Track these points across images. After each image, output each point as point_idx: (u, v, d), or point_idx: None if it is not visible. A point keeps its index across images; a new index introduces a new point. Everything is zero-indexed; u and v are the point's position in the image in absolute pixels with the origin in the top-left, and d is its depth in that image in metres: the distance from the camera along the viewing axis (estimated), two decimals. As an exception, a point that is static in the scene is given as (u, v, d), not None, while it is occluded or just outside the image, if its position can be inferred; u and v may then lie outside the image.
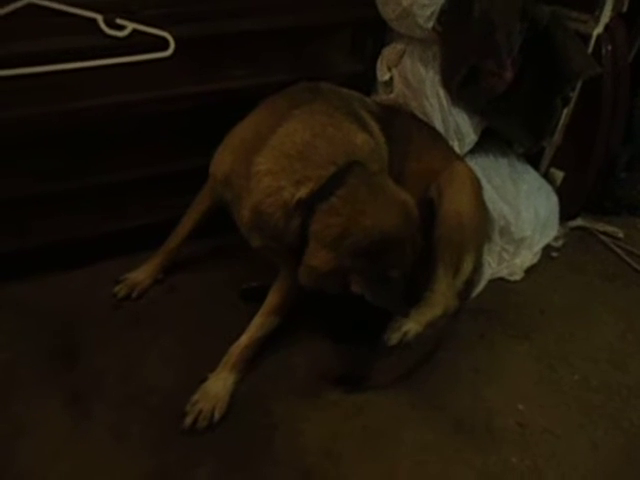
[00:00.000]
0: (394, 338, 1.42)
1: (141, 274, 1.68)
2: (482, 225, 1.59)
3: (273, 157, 1.31)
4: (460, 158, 1.71)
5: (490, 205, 1.74)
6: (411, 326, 1.44)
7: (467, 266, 1.53)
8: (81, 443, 1.29)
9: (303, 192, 1.28)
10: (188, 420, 1.33)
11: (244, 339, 1.45)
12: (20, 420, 1.32)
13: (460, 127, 1.77)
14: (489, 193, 1.78)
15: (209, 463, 1.28)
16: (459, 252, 1.50)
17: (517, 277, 1.88)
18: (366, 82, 1.87)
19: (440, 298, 1.49)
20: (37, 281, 1.65)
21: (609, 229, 2.11)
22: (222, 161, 1.48)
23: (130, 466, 1.26)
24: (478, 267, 1.68)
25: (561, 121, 1.90)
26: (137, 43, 1.48)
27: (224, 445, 1.32)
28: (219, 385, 1.39)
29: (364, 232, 1.24)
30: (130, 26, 1.46)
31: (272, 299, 1.47)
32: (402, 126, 1.64)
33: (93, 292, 1.65)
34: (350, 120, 1.40)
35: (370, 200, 1.27)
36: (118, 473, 1.24)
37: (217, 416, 1.35)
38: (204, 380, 1.40)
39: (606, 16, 1.78)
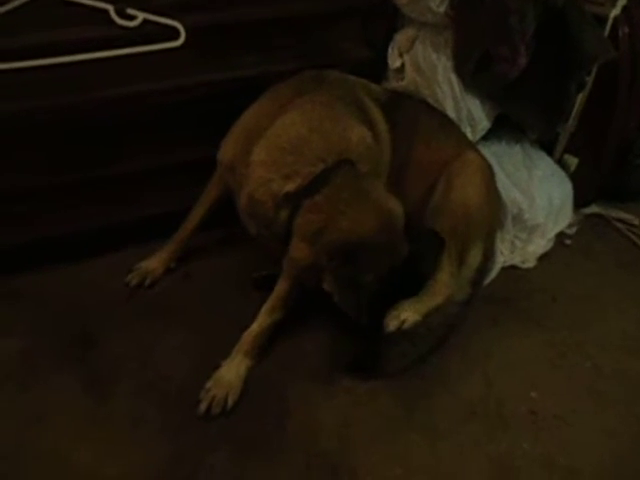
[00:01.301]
0: (392, 326, 1.44)
1: (153, 263, 1.70)
2: (492, 216, 1.58)
3: (268, 149, 1.34)
4: (472, 146, 1.69)
5: (503, 192, 1.73)
6: (410, 314, 1.46)
7: (474, 257, 1.54)
8: (100, 427, 1.33)
9: (290, 186, 1.30)
10: (202, 407, 1.35)
11: (255, 326, 1.47)
12: (40, 405, 1.36)
13: (473, 113, 1.75)
14: (502, 180, 1.76)
15: (224, 448, 1.30)
16: (464, 243, 1.50)
17: (530, 264, 1.86)
18: (377, 69, 1.85)
19: (442, 288, 1.50)
20: (53, 271, 1.68)
21: (624, 216, 2.08)
22: (227, 149, 1.51)
23: (147, 450, 1.29)
24: (490, 255, 1.67)
25: (576, 106, 1.87)
26: (148, 33, 1.48)
27: (238, 430, 1.34)
28: (232, 372, 1.41)
29: (339, 232, 1.25)
30: (141, 16, 1.47)
31: (280, 287, 1.48)
32: (410, 113, 1.63)
33: (108, 281, 1.67)
34: (351, 112, 1.40)
35: (352, 202, 1.27)
36: (136, 457, 1.28)
37: (230, 403, 1.37)
38: (217, 367, 1.42)
39: (623, -3, 1.75)
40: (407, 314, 1.46)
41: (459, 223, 1.49)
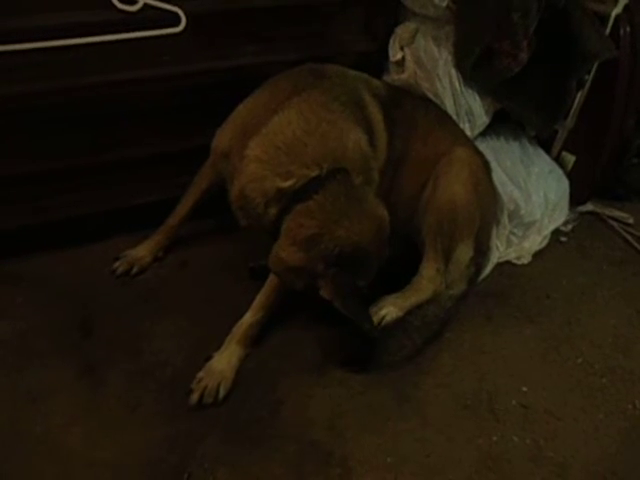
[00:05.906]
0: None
1: (141, 251, 1.70)
2: (481, 212, 1.57)
3: (263, 145, 1.33)
4: (465, 143, 1.68)
5: (500, 188, 1.74)
6: (390, 310, 1.47)
7: (462, 253, 1.54)
8: (95, 411, 1.34)
9: (284, 185, 1.30)
10: (194, 397, 1.36)
11: (247, 317, 1.47)
12: (36, 388, 1.36)
13: (472, 108, 1.75)
14: (499, 176, 1.77)
15: (216, 434, 1.31)
16: (450, 240, 1.51)
17: (525, 261, 1.88)
18: (378, 62, 1.84)
19: (427, 284, 1.52)
20: (52, 255, 1.68)
21: (619, 214, 2.09)
22: (223, 138, 1.51)
23: (140, 436, 1.29)
24: (486, 250, 1.68)
25: (575, 104, 1.87)
26: (149, 18, 1.47)
27: (231, 418, 1.35)
28: (224, 362, 1.41)
29: (336, 241, 1.25)
30: (141, 0, 1.46)
31: (274, 277, 1.49)
32: (409, 108, 1.64)
33: (106, 267, 1.67)
34: (348, 113, 1.40)
35: (347, 211, 1.27)
36: (128, 442, 1.28)
37: (222, 392, 1.38)
38: (209, 358, 1.42)
39: (625, -4, 1.75)
40: (387, 310, 1.47)
41: (445, 220, 1.50)
